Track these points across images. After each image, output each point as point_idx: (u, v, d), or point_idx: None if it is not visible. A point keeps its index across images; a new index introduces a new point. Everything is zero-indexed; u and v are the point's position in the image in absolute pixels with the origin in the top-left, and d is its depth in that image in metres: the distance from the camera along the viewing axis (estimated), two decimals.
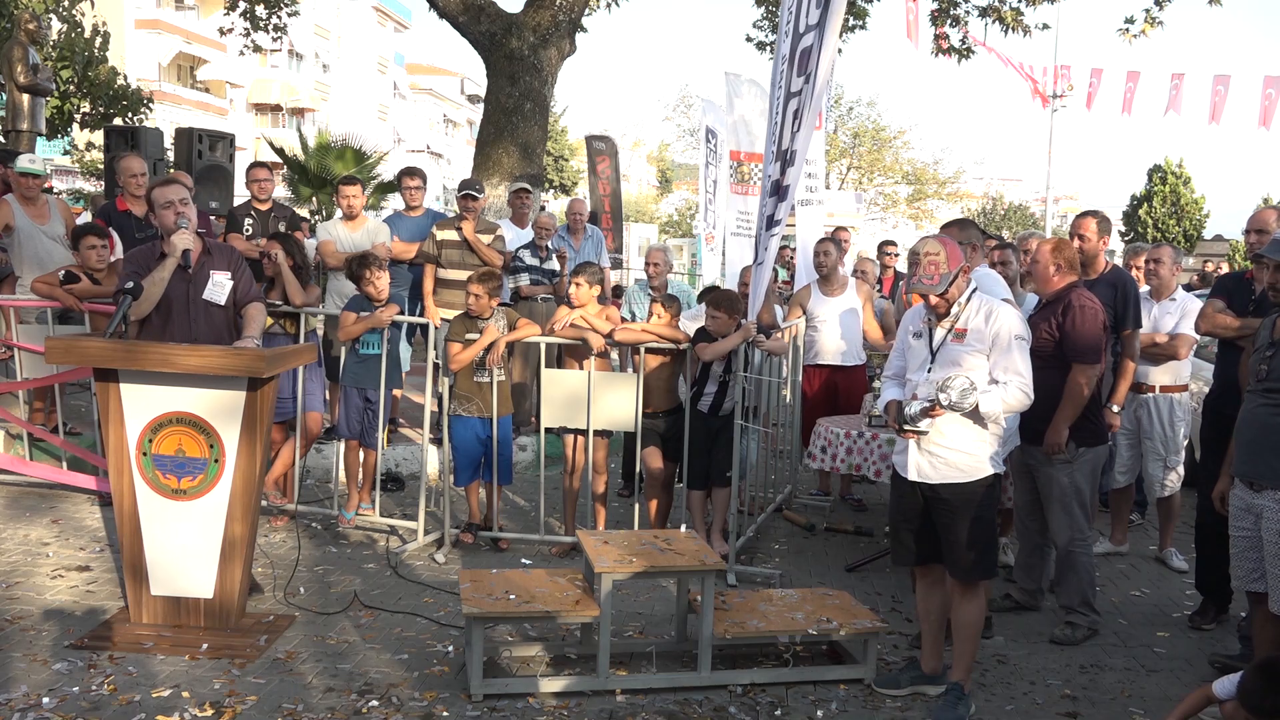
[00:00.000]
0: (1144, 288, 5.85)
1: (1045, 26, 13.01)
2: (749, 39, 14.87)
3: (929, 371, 3.82)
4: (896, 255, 9.36)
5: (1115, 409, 5.25)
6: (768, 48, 15.33)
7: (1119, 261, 10.34)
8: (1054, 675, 4.28)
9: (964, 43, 13.36)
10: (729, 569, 5.25)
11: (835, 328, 6.68)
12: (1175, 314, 5.70)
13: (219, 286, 4.54)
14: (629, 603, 4.86)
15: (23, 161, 6.69)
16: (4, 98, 10.42)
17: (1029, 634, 4.73)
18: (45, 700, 3.59)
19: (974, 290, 3.85)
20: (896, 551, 4.15)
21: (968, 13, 12.88)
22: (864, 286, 7.03)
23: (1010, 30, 12.67)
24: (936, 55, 13.46)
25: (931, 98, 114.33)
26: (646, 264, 6.88)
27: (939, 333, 3.83)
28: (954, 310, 3.80)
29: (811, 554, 5.92)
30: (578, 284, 5.70)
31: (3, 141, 10.55)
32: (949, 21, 13.05)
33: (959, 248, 3.83)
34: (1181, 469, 5.82)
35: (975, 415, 3.71)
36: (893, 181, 38.22)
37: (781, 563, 5.70)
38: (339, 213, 7.06)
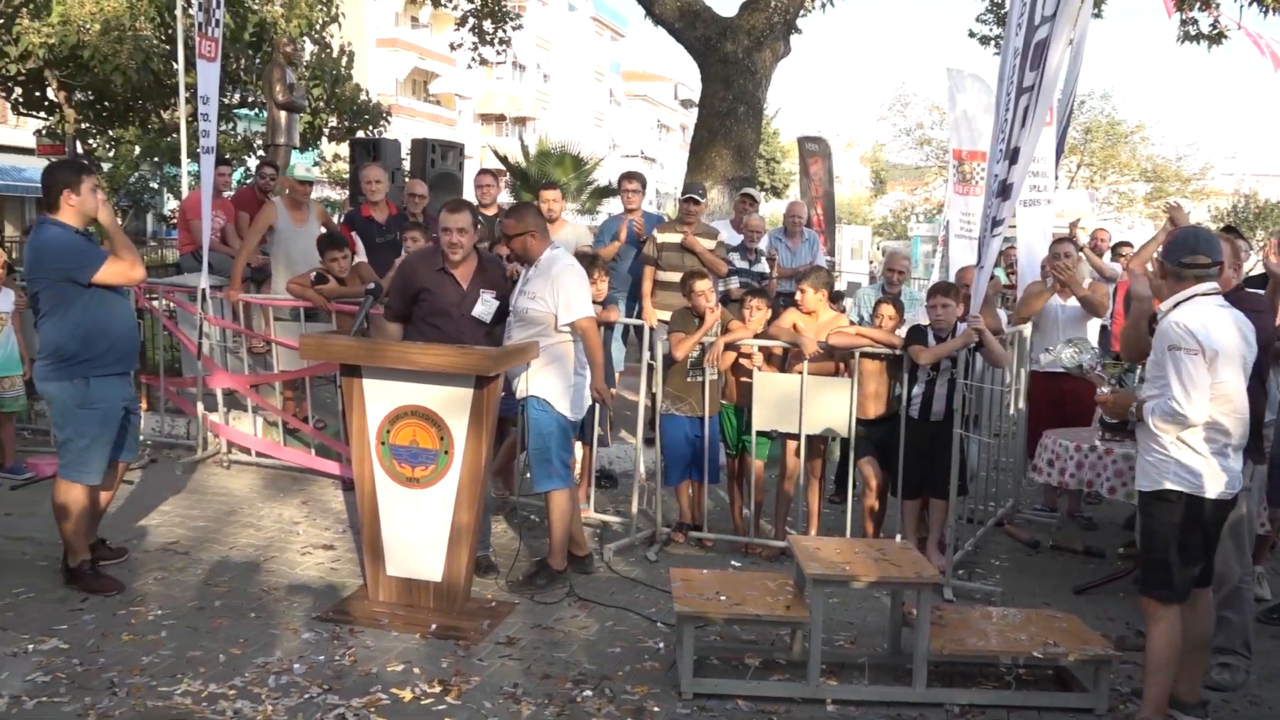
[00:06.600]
0: None
1: None
2: (971, 34, 14.33)
3: None
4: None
5: None
6: (991, 42, 14.70)
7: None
8: None
9: (1214, 27, 12.32)
10: (945, 583, 5.06)
11: (1066, 331, 6.29)
12: None
13: (487, 306, 4.82)
14: (840, 611, 4.78)
15: (298, 170, 7.47)
16: (265, 115, 11.44)
17: None
18: (295, 666, 3.92)
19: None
20: None
21: None
22: (1100, 288, 6.59)
23: (1270, 11, 11.57)
24: (1182, 42, 12.49)
25: (1176, 88, 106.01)
26: (889, 269, 6.84)
27: None
28: None
29: (1035, 573, 5.63)
30: (803, 290, 5.68)
31: (264, 155, 11.61)
32: (1196, 4, 12.06)
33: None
34: None
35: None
36: (1129, 179, 35.70)
37: (1002, 580, 5.44)
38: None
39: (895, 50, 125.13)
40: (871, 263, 22.32)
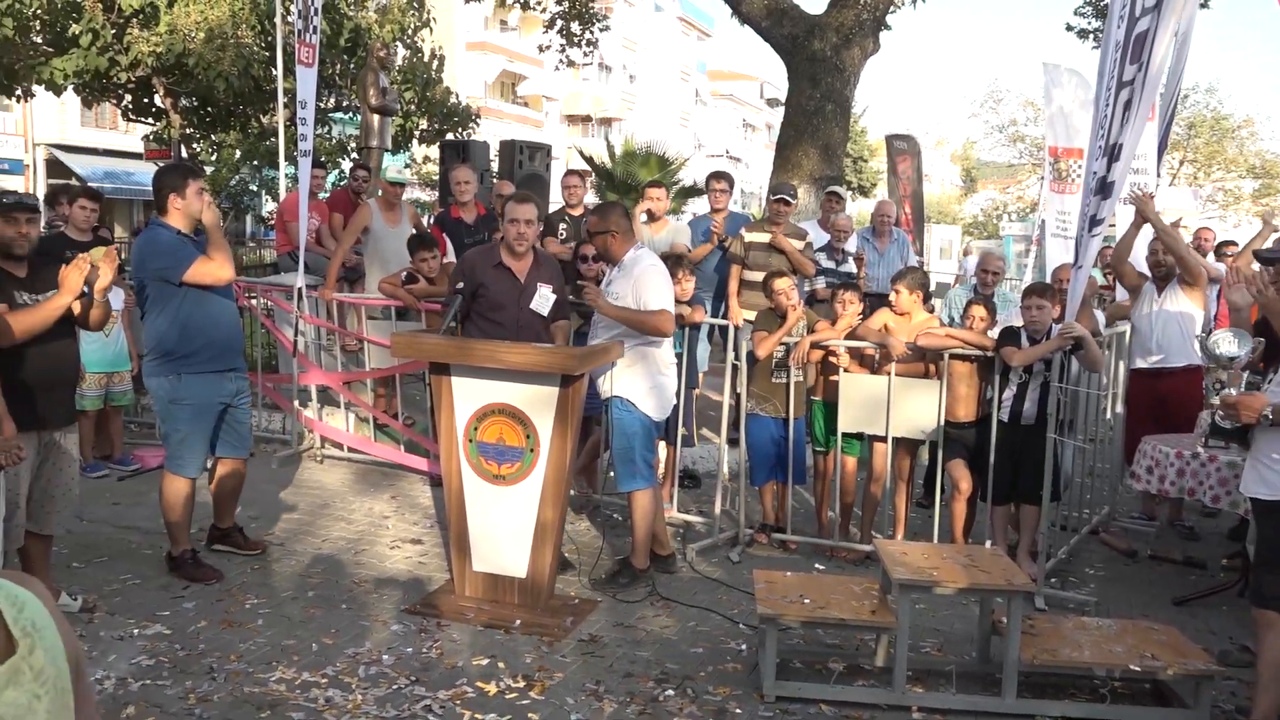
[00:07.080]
0: None
1: None
2: (1069, 27, 13.96)
3: None
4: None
5: None
6: (1090, 35, 14.29)
7: None
8: None
9: None
10: (1038, 592, 4.93)
11: (1163, 323, 6.05)
12: None
13: (544, 299, 4.89)
14: (926, 618, 4.70)
15: (391, 172, 7.70)
16: (359, 118, 11.73)
17: None
18: (385, 657, 4.02)
19: None
20: None
21: None
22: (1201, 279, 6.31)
23: None
24: None
25: None
26: (983, 270, 6.70)
27: None
28: None
29: (1131, 583, 5.44)
30: (897, 291, 5.60)
31: (357, 158, 11.90)
32: None
33: None
34: None
35: None
36: (1235, 176, 34.30)
37: (1097, 590, 5.28)
38: (642, 215, 7.30)
39: (988, 46, 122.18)
40: (961, 261, 21.85)
